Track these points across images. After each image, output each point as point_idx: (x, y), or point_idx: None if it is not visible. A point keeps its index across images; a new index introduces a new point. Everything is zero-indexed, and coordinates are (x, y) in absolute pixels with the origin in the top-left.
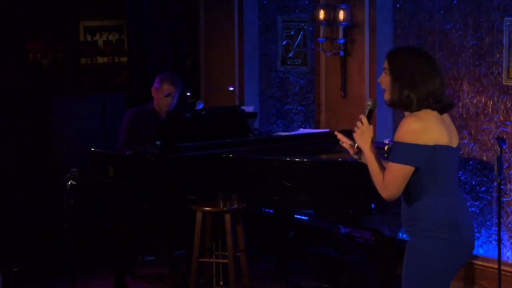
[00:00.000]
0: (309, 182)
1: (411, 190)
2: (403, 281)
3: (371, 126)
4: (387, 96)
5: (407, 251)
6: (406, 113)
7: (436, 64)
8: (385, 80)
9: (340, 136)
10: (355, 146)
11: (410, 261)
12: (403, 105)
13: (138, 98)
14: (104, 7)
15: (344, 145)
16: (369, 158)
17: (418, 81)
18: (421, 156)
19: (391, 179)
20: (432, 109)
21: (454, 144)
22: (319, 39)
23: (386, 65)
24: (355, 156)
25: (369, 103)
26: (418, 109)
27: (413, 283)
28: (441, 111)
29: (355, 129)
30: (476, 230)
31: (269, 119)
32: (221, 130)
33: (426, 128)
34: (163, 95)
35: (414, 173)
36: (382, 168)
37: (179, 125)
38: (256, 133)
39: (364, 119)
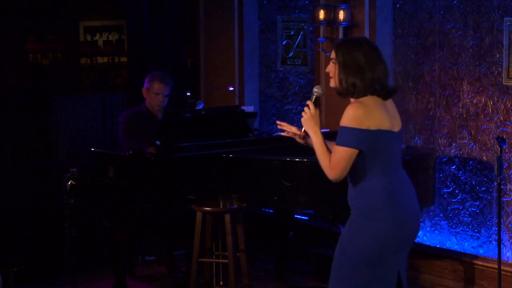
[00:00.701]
0: (309, 182)
1: (355, 172)
2: (336, 256)
3: (317, 112)
4: (333, 84)
5: (346, 229)
6: (352, 100)
7: (379, 53)
8: (332, 69)
9: (283, 124)
10: (302, 130)
11: (347, 239)
12: (350, 92)
13: (138, 98)
14: (104, 7)
15: (289, 134)
16: (316, 141)
17: (363, 69)
18: (364, 140)
19: (337, 161)
20: (377, 95)
21: (396, 129)
22: (319, 39)
23: (333, 55)
24: (301, 141)
25: (316, 90)
26: (364, 95)
27: (349, 261)
28: (385, 97)
29: (303, 114)
30: (476, 230)
31: (269, 119)
32: (221, 130)
33: (369, 114)
34: (153, 94)
35: (358, 156)
36: (329, 151)
37: (179, 125)
38: (256, 133)
39: (312, 105)
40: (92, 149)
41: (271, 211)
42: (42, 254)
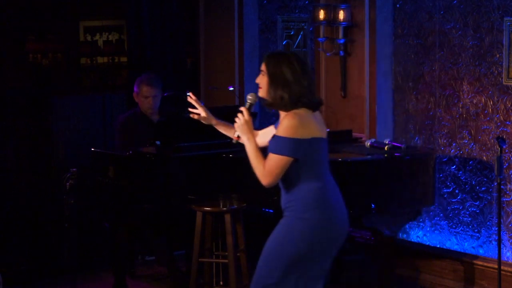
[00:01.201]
0: None
1: (289, 178)
2: (263, 255)
3: (251, 118)
4: (262, 94)
5: (278, 230)
6: (282, 113)
7: (306, 67)
8: (262, 81)
9: (193, 98)
10: (236, 136)
11: (279, 239)
12: (278, 105)
13: None
14: (104, 7)
15: (194, 116)
16: (249, 148)
17: (290, 83)
18: (299, 149)
19: (271, 169)
20: (306, 107)
21: (325, 135)
22: (319, 39)
23: (263, 67)
24: (234, 141)
25: (249, 97)
26: (292, 108)
27: (280, 260)
28: (313, 109)
29: (237, 120)
30: (476, 230)
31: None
32: None
33: (303, 124)
34: (143, 97)
35: (292, 163)
36: (262, 156)
37: (179, 125)
38: None
39: (246, 112)
40: (92, 149)
41: (271, 211)
42: (42, 254)
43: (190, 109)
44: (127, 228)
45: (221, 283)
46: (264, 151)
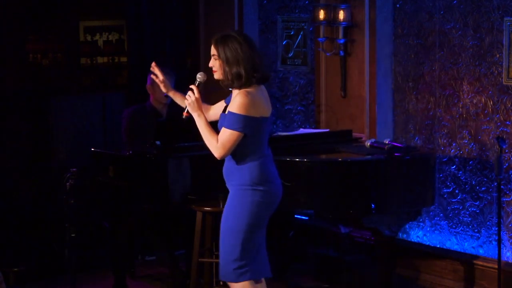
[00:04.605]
0: (309, 182)
1: (237, 152)
2: (222, 228)
3: (200, 96)
4: (218, 76)
5: (229, 202)
6: (235, 91)
7: (254, 43)
8: (215, 64)
9: (155, 68)
10: (186, 111)
11: (230, 210)
12: (236, 82)
13: (138, 98)
14: (104, 7)
15: (157, 79)
16: (201, 123)
17: (243, 59)
18: (249, 126)
19: (224, 142)
20: (258, 83)
21: (269, 114)
22: (319, 39)
23: (214, 51)
24: (184, 117)
25: (199, 76)
26: (248, 84)
27: (234, 228)
28: (263, 82)
29: (187, 97)
30: (476, 230)
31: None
32: None
33: (254, 103)
34: (159, 87)
35: (242, 139)
36: (213, 131)
37: (179, 125)
38: None
39: (196, 90)
40: (92, 149)
41: None
42: (42, 254)
43: (152, 76)
44: (127, 228)
45: (221, 283)
46: (214, 125)
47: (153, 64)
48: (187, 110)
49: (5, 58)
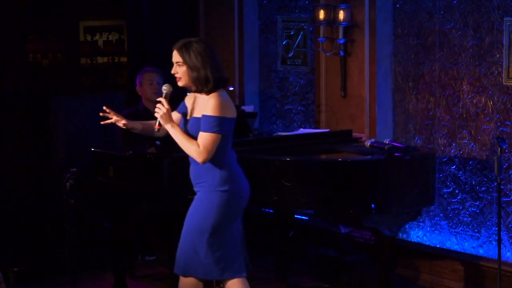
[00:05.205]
0: (309, 182)
1: None
2: (187, 231)
3: (169, 107)
4: (183, 83)
5: (196, 204)
6: (204, 96)
7: (214, 49)
8: (180, 70)
9: (110, 112)
10: (157, 124)
11: (199, 212)
12: (205, 86)
13: (138, 98)
14: (104, 7)
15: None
16: (176, 132)
17: (208, 64)
18: (226, 126)
19: (207, 146)
20: (223, 87)
21: (236, 115)
22: (319, 39)
23: (178, 58)
24: (157, 134)
25: (165, 88)
26: (215, 87)
27: (203, 232)
28: (224, 86)
29: (158, 110)
30: (476, 230)
31: (269, 119)
32: None
33: (227, 104)
34: (147, 85)
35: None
36: (190, 138)
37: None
38: (256, 133)
39: (165, 101)
40: (92, 149)
41: (271, 211)
42: (42, 254)
43: (102, 123)
44: (127, 228)
45: (221, 284)
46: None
47: (106, 108)
48: (159, 122)
49: (5, 58)
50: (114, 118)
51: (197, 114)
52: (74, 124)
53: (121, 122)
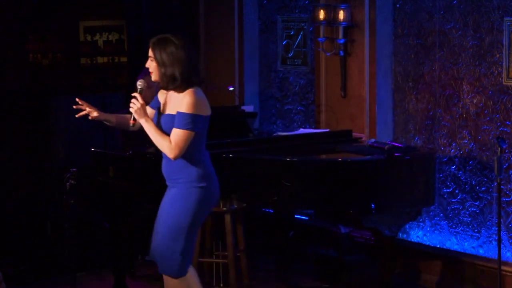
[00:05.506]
0: (309, 182)
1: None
2: (167, 228)
3: (144, 102)
4: (154, 78)
5: (171, 201)
6: (179, 93)
7: (190, 47)
8: (152, 65)
9: (82, 103)
10: (132, 119)
11: (179, 207)
12: (172, 84)
13: None
14: (104, 7)
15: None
16: (150, 127)
17: (178, 62)
18: (199, 124)
19: (179, 142)
20: (198, 85)
21: (210, 113)
22: (319, 39)
23: (150, 53)
24: (132, 128)
25: (139, 83)
26: (185, 85)
27: (183, 229)
28: (200, 85)
29: (132, 105)
30: (476, 230)
31: (269, 119)
32: (221, 130)
33: (202, 102)
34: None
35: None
36: (163, 134)
37: None
38: (256, 133)
39: (139, 97)
40: (92, 149)
41: (271, 211)
42: (42, 254)
43: (77, 115)
44: (127, 228)
45: (221, 283)
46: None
47: (78, 100)
48: (133, 117)
49: (5, 58)
50: (87, 109)
51: (171, 110)
52: (74, 124)
53: (93, 114)
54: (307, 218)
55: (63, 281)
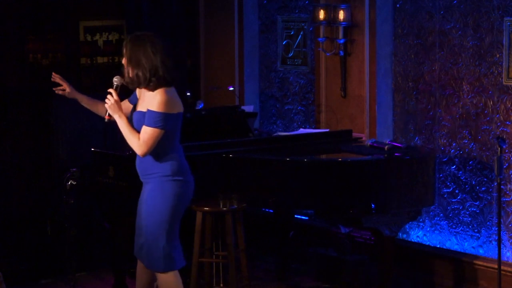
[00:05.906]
0: (309, 182)
1: (158, 146)
2: (144, 225)
3: (119, 98)
4: (125, 76)
5: (149, 196)
6: (151, 92)
7: (159, 46)
8: (124, 61)
9: (56, 77)
10: (107, 114)
11: (156, 201)
12: (135, 82)
13: None
14: (104, 7)
15: (59, 90)
16: (122, 123)
17: (143, 62)
18: (169, 122)
19: (146, 140)
20: (168, 85)
21: (183, 109)
22: (319, 39)
23: (124, 50)
24: (107, 122)
25: (115, 79)
26: (148, 84)
27: (161, 221)
28: (170, 85)
29: (107, 101)
30: (476, 230)
31: (269, 119)
32: (221, 130)
33: (173, 100)
34: None
35: (162, 134)
36: (134, 130)
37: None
38: (256, 133)
39: (114, 93)
40: (92, 149)
41: (271, 211)
42: (42, 254)
43: (54, 88)
44: (127, 228)
45: (221, 283)
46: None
47: (54, 74)
48: (108, 113)
49: (5, 58)
50: (64, 84)
51: (142, 108)
52: (74, 124)
53: (67, 90)
54: (307, 218)
55: (63, 281)
